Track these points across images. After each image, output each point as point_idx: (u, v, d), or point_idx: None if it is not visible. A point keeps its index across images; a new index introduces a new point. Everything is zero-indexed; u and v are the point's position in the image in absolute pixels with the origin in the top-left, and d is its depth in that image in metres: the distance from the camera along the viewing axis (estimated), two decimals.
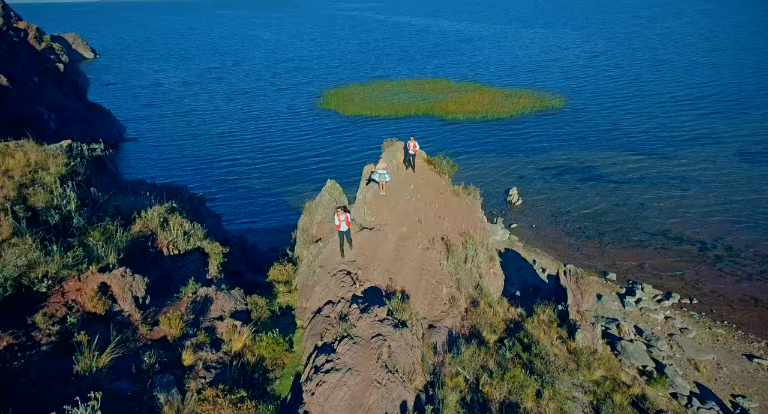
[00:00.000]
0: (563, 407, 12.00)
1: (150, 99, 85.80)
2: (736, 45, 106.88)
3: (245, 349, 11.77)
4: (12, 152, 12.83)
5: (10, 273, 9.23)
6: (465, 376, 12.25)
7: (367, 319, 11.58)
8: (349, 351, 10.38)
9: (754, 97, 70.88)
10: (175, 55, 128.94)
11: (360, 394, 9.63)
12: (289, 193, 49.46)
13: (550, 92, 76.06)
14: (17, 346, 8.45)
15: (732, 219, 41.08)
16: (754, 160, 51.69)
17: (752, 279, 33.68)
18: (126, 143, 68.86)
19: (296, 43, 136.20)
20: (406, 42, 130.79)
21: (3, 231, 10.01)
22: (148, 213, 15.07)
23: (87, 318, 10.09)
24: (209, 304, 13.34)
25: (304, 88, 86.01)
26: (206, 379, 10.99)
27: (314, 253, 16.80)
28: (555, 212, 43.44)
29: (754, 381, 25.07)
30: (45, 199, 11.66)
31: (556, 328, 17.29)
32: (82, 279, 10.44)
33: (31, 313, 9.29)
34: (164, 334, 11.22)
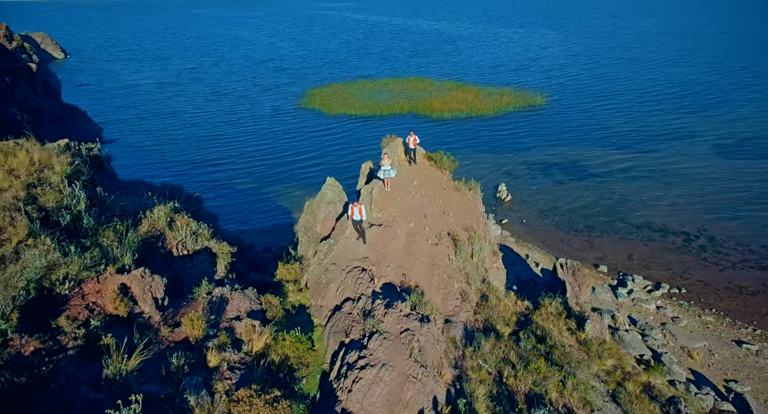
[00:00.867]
0: (587, 397, 12.14)
1: (126, 100, 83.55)
2: (706, 44, 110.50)
3: (268, 348, 11.52)
4: (14, 151, 12.25)
5: (33, 275, 8.80)
6: (487, 369, 12.28)
7: (392, 314, 11.48)
8: (381, 347, 10.27)
9: (726, 94, 73.41)
10: (150, 56, 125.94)
11: (397, 389, 9.54)
12: (278, 194, 48.87)
13: (531, 90, 77.22)
14: (44, 350, 8.07)
15: (711, 210, 42.42)
16: (728, 154, 53.53)
17: (735, 268, 34.84)
18: (104, 146, 66.83)
19: (276, 42, 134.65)
20: (387, 41, 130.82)
21: (19, 232, 9.54)
22: (154, 213, 14.62)
23: (109, 320, 9.71)
24: (225, 305, 13.03)
25: (287, 88, 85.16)
26: (232, 380, 10.72)
27: (324, 251, 16.60)
28: (544, 207, 44.08)
29: (744, 366, 25.95)
30: (55, 199, 11.18)
31: (564, 319, 17.52)
32: (101, 280, 10.05)
33: (53, 317, 8.88)
34: (186, 335, 10.89)
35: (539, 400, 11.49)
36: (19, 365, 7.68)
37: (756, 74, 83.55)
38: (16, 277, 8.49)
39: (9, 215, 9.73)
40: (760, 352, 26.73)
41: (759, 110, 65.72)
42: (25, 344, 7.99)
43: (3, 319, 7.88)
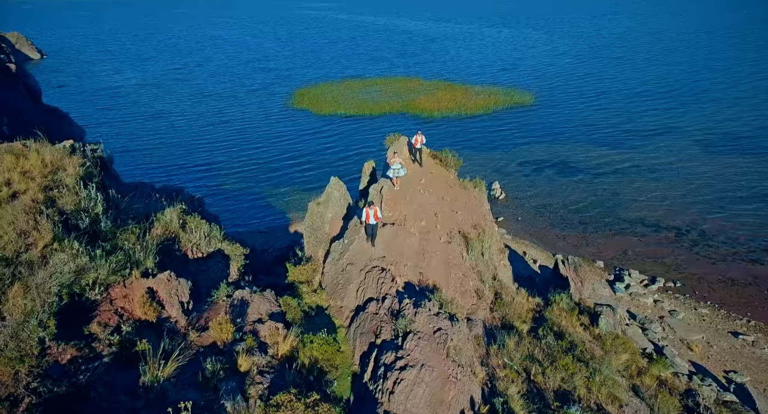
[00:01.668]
0: (614, 392, 12.22)
1: (108, 102, 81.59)
2: (685, 44, 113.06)
3: (293, 351, 11.30)
4: (25, 153, 11.78)
5: (65, 280, 8.44)
6: (513, 367, 12.26)
7: (422, 314, 11.38)
8: (417, 347, 10.15)
9: (708, 92, 75.21)
10: (131, 56, 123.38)
11: (438, 390, 9.44)
12: (271, 195, 48.36)
13: (519, 89, 77.96)
14: (81, 358, 7.74)
15: (700, 205, 43.38)
16: (712, 149, 54.86)
17: (726, 261, 35.68)
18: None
19: (261, 42, 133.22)
20: (373, 41, 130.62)
21: (44, 235, 9.15)
22: (166, 215, 14.24)
23: (138, 326, 9.39)
24: (246, 308, 12.74)
25: (275, 89, 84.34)
26: (263, 384, 10.48)
27: (339, 251, 16.40)
28: (538, 204, 44.51)
29: (742, 356, 26.57)
30: (73, 202, 10.77)
31: (576, 315, 17.65)
32: (127, 285, 9.71)
33: (85, 323, 8.54)
34: (214, 339, 10.61)
35: (568, 397, 11.51)
36: (58, 374, 7.35)
37: (735, 73, 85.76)
38: (49, 282, 8.13)
39: (33, 219, 9.33)
40: (756, 343, 27.40)
41: (740, 108, 67.51)
42: (62, 352, 7.66)
43: (41, 327, 7.53)
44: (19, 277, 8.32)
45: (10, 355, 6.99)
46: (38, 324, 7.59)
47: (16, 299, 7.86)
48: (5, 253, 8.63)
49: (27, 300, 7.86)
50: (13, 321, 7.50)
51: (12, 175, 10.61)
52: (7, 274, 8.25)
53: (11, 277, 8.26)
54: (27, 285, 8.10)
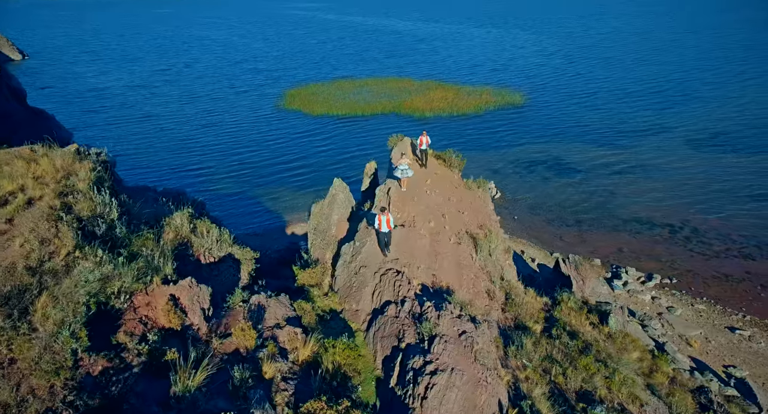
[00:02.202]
0: (634, 392, 12.31)
1: (95, 104, 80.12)
2: (674, 44, 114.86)
3: (319, 357, 11.16)
4: (35, 157, 11.44)
5: (92, 289, 8.21)
6: (532, 368, 12.28)
7: (446, 317, 11.33)
8: (445, 350, 10.09)
9: (696, 91, 76.51)
10: (116, 57, 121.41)
11: (470, 394, 9.39)
12: (266, 197, 47.96)
13: (509, 89, 78.48)
14: (112, 369, 7.53)
15: (691, 202, 44.10)
16: (701, 148, 55.82)
17: (719, 257, 36.32)
18: None
19: (249, 43, 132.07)
20: (362, 42, 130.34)
21: (66, 243, 8.88)
22: (176, 220, 13.97)
23: (163, 334, 9.18)
24: (263, 313, 12.56)
25: (265, 90, 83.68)
26: (288, 391, 10.32)
27: (350, 254, 16.28)
28: (533, 203, 44.83)
29: (739, 351, 27.05)
30: (89, 208, 10.49)
31: (585, 314, 17.77)
32: (149, 292, 9.49)
33: (111, 332, 8.31)
34: (236, 346, 10.42)
35: (590, 398, 11.56)
36: (91, 386, 7.13)
37: (723, 73, 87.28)
38: (76, 291, 7.90)
39: (53, 226, 9.06)
40: (753, 337, 27.93)
41: (728, 107, 68.79)
42: (93, 364, 7.44)
43: (73, 338, 7.30)
44: (45, 286, 8.08)
45: (46, 367, 6.77)
46: (70, 335, 7.37)
47: (45, 310, 7.62)
48: (29, 262, 8.37)
49: (56, 310, 7.62)
50: (46, 332, 7.27)
51: (26, 181, 10.30)
52: (34, 284, 8.00)
53: (38, 286, 8.01)
54: (54, 295, 7.86)
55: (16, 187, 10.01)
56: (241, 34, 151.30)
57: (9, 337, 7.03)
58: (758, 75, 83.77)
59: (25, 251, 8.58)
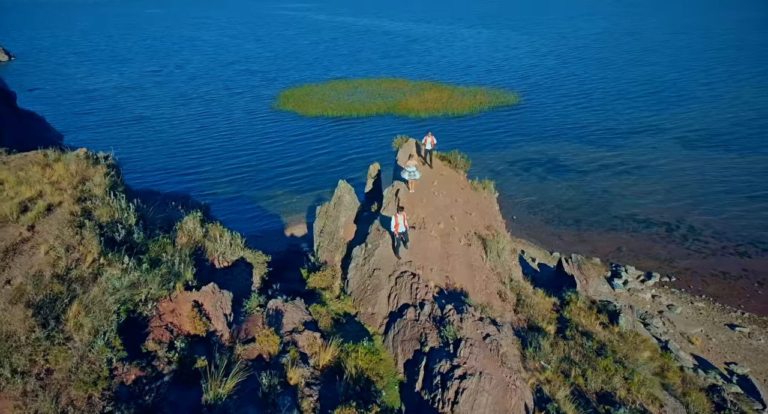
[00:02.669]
0: (653, 392, 12.36)
1: (85, 106, 79.02)
2: (663, 44, 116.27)
3: (342, 362, 11.07)
4: (50, 162, 11.21)
5: (121, 297, 8.04)
6: (551, 370, 12.30)
7: (468, 319, 11.29)
8: (472, 354, 10.04)
9: (689, 91, 77.44)
10: (105, 58, 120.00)
11: (500, 398, 9.35)
12: (263, 199, 47.66)
13: (504, 90, 78.86)
14: (145, 378, 7.38)
15: (687, 201, 44.60)
16: (695, 147, 56.53)
17: (716, 255, 36.76)
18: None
19: (241, 44, 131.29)
20: (355, 42, 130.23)
21: (91, 250, 8.69)
22: (188, 224, 13.79)
23: (189, 341, 9.03)
24: (281, 317, 12.43)
25: (259, 91, 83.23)
26: (313, 397, 10.22)
27: (362, 256, 16.19)
28: (531, 203, 45.05)
29: (740, 348, 27.39)
30: (108, 213, 10.30)
31: (595, 314, 17.86)
32: (173, 298, 9.33)
33: (140, 340, 8.16)
34: (259, 352, 10.28)
35: (610, 399, 11.60)
36: (125, 396, 6.98)
37: (714, 73, 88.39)
38: (106, 299, 7.73)
39: (77, 232, 8.86)
40: (752, 334, 28.30)
41: (721, 107, 69.71)
42: (127, 373, 7.29)
43: (108, 347, 7.14)
44: (74, 294, 7.90)
45: (85, 378, 6.61)
46: (105, 344, 7.20)
47: (77, 318, 7.45)
48: (56, 270, 8.18)
49: (88, 319, 7.45)
50: (82, 342, 7.10)
51: (44, 187, 10.07)
52: (65, 293, 7.81)
53: (68, 294, 7.82)
54: (84, 303, 7.68)
55: (35, 193, 9.80)
56: (232, 35, 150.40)
57: (45, 348, 6.86)
58: (751, 76, 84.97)
59: (51, 258, 8.39)
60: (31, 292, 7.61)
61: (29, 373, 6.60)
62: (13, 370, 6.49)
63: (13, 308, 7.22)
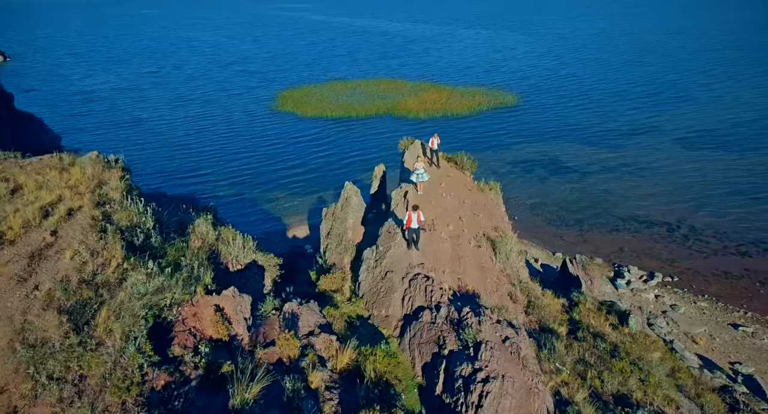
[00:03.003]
0: (669, 394, 12.40)
1: (82, 108, 78.57)
2: (659, 45, 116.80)
3: (360, 365, 11.06)
4: (66, 166, 11.14)
5: (149, 301, 8.01)
6: (567, 372, 12.33)
7: (486, 322, 11.30)
8: (493, 357, 10.06)
9: (687, 91, 77.87)
10: (101, 59, 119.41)
11: (524, 402, 9.37)
12: (264, 201, 47.56)
13: (503, 90, 79.05)
14: (173, 383, 7.35)
15: (687, 201, 44.85)
16: (694, 147, 56.87)
17: (717, 255, 36.97)
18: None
19: (238, 44, 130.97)
20: (353, 43, 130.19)
21: (116, 254, 8.65)
22: (202, 227, 13.75)
23: (213, 345, 9.00)
24: (297, 321, 12.41)
25: (257, 92, 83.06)
26: (333, 400, 10.21)
27: (373, 258, 16.18)
28: (533, 204, 45.17)
29: (744, 347, 27.55)
30: (127, 217, 10.26)
31: (605, 315, 17.92)
32: (194, 303, 9.30)
33: (165, 345, 8.13)
34: (279, 356, 10.26)
35: (626, 401, 11.64)
36: (155, 401, 6.95)
37: (713, 74, 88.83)
38: (133, 304, 7.69)
39: (102, 237, 8.81)
40: (756, 334, 28.46)
41: (720, 107, 70.12)
42: (156, 378, 7.25)
43: (139, 352, 7.10)
44: (102, 299, 7.85)
45: (119, 384, 6.58)
46: (136, 349, 7.17)
47: (107, 324, 7.41)
48: (83, 275, 8.13)
49: (118, 324, 7.42)
50: (114, 348, 7.06)
51: (63, 192, 10.02)
52: (93, 298, 7.77)
53: (97, 299, 7.78)
54: (112, 308, 7.64)
55: (55, 198, 9.73)
56: (230, 36, 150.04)
57: (79, 354, 6.82)
58: (750, 76, 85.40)
59: (76, 263, 8.34)
60: (61, 297, 7.56)
61: (64, 380, 6.56)
62: (48, 376, 6.46)
63: (46, 314, 7.17)
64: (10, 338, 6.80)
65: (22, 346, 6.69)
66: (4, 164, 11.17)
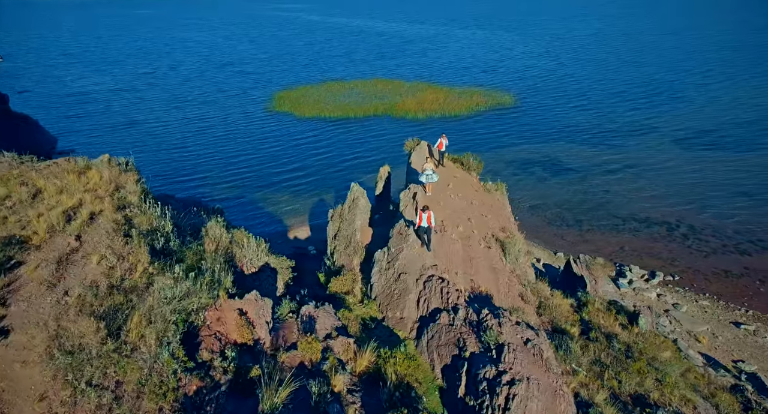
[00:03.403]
0: (685, 394, 12.48)
1: (77, 109, 77.84)
2: (654, 45, 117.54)
3: (381, 368, 11.05)
4: (81, 169, 11.05)
5: (180, 306, 7.96)
6: (584, 373, 12.38)
7: (507, 324, 11.33)
8: (516, 359, 10.08)
9: (683, 92, 78.46)
10: (96, 60, 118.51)
11: (550, 404, 9.40)
12: (264, 202, 47.43)
13: (499, 90, 79.31)
14: (205, 389, 7.32)
15: (685, 200, 45.22)
16: (691, 146, 57.35)
17: (717, 253, 37.29)
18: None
19: (235, 45, 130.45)
20: (350, 43, 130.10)
21: (142, 259, 8.59)
22: (216, 231, 13.68)
23: (239, 350, 8.96)
24: (314, 323, 12.39)
25: (254, 93, 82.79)
26: (356, 404, 10.20)
27: (385, 260, 16.18)
28: (532, 204, 45.34)
29: (746, 345, 27.79)
30: (147, 221, 10.19)
31: (614, 315, 18.02)
32: (218, 307, 9.26)
33: (193, 350, 8.08)
34: (301, 359, 10.23)
35: (644, 401, 11.71)
36: (190, 407, 6.91)
37: (710, 74, 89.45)
38: (164, 309, 7.64)
39: (128, 242, 8.74)
40: (757, 332, 28.73)
41: (714, 106, 70.72)
42: (189, 383, 7.21)
43: (173, 358, 7.06)
44: (132, 304, 7.80)
45: (155, 390, 6.53)
46: (170, 355, 7.13)
47: (139, 329, 7.36)
48: (111, 280, 8.06)
49: (151, 329, 7.36)
50: (150, 353, 7.01)
51: (83, 196, 9.93)
52: (125, 303, 7.71)
53: (128, 304, 7.72)
54: (142, 313, 7.58)
55: (76, 202, 9.65)
56: (226, 36, 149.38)
57: (115, 360, 6.76)
58: (750, 77, 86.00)
59: (104, 268, 8.27)
60: (94, 303, 7.49)
61: (102, 386, 6.50)
62: (87, 382, 6.40)
63: (80, 319, 7.10)
64: (47, 344, 6.75)
65: (61, 352, 6.62)
66: (21, 168, 11.08)
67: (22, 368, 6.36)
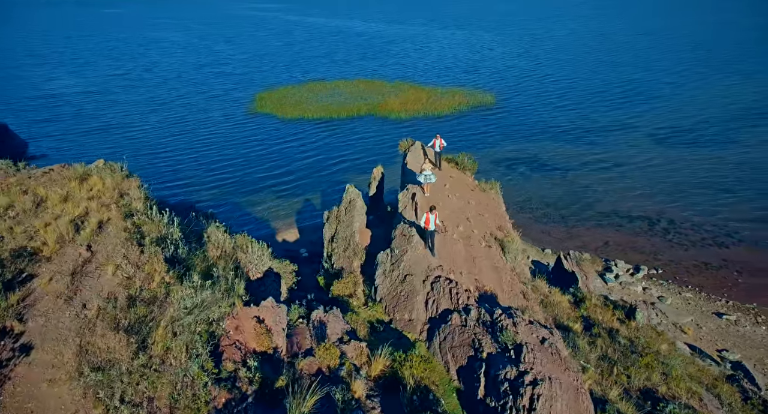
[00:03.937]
0: (691, 386, 12.77)
1: (47, 113, 74.98)
2: (628, 45, 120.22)
3: (398, 372, 10.96)
4: (84, 176, 10.59)
5: (204, 317, 7.69)
6: (593, 369, 12.56)
7: (521, 324, 11.38)
8: (536, 359, 10.12)
9: (659, 90, 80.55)
10: (65, 61, 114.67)
11: (573, 403, 9.47)
12: (249, 205, 46.77)
13: (482, 90, 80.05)
14: (233, 400, 7.10)
15: (664, 195, 46.50)
16: (668, 144, 59.01)
17: (696, 246, 38.47)
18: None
19: (211, 45, 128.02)
20: (330, 43, 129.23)
21: (158, 268, 8.27)
22: (219, 236, 13.36)
23: (260, 359, 8.74)
24: (325, 328, 12.22)
25: (235, 94, 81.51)
26: (376, 409, 10.09)
27: (389, 262, 16.09)
28: (518, 201, 45.89)
29: (729, 335, 28.74)
30: (157, 229, 9.85)
31: (611, 310, 18.35)
32: (235, 315, 9.02)
33: (217, 360, 7.84)
34: (318, 365, 10.06)
35: (652, 395, 11.94)
36: None
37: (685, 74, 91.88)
38: (184, 320, 7.37)
39: (143, 251, 8.41)
40: (738, 321, 29.75)
41: (692, 105, 72.82)
42: (218, 396, 6.98)
43: (203, 370, 6.80)
44: (154, 316, 7.50)
45: (189, 404, 6.28)
46: (200, 368, 6.87)
47: (165, 341, 7.07)
48: (129, 291, 7.73)
49: (178, 341, 7.09)
50: (180, 367, 6.74)
51: (89, 204, 9.52)
52: (147, 315, 7.40)
53: (150, 316, 7.42)
54: (165, 324, 7.30)
55: (82, 211, 9.25)
56: (201, 36, 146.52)
57: (145, 374, 6.48)
58: (723, 77, 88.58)
59: (120, 279, 7.94)
60: (118, 316, 7.17)
61: (134, 403, 6.21)
62: (120, 399, 6.10)
63: (106, 334, 6.77)
64: (75, 362, 6.40)
65: (90, 368, 6.30)
66: (18, 176, 10.55)
67: (49, 387, 6.02)
